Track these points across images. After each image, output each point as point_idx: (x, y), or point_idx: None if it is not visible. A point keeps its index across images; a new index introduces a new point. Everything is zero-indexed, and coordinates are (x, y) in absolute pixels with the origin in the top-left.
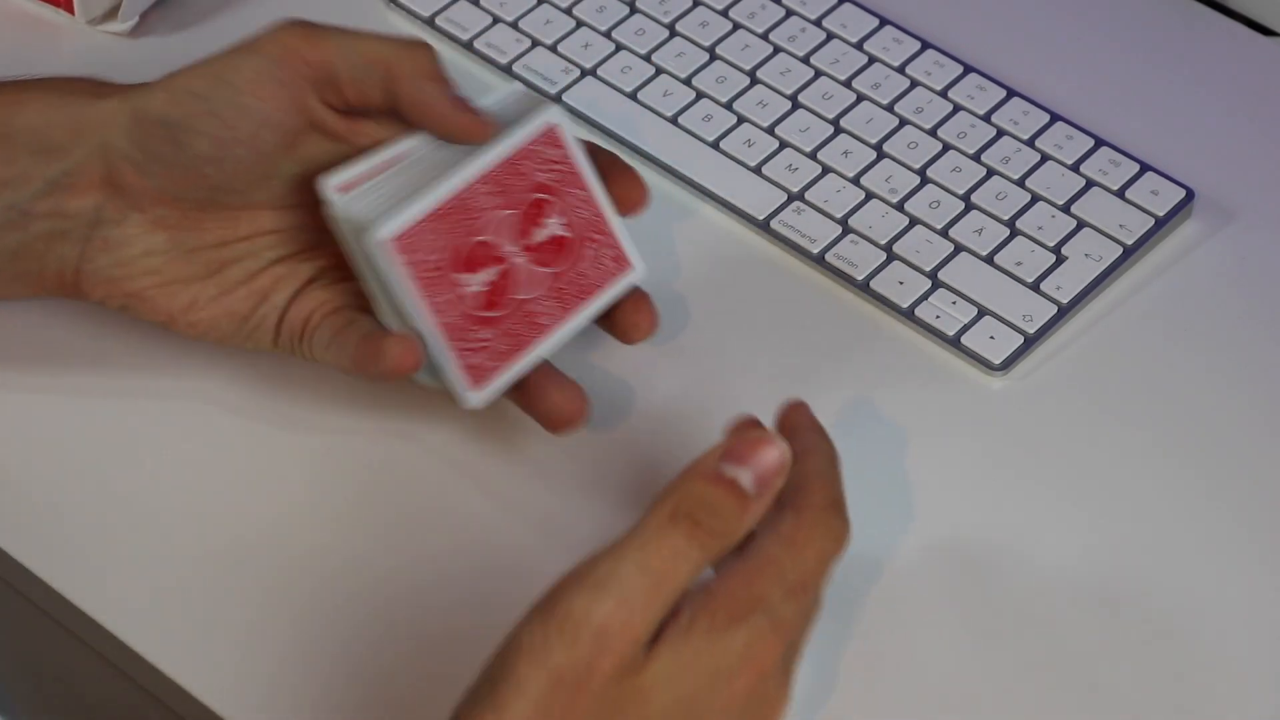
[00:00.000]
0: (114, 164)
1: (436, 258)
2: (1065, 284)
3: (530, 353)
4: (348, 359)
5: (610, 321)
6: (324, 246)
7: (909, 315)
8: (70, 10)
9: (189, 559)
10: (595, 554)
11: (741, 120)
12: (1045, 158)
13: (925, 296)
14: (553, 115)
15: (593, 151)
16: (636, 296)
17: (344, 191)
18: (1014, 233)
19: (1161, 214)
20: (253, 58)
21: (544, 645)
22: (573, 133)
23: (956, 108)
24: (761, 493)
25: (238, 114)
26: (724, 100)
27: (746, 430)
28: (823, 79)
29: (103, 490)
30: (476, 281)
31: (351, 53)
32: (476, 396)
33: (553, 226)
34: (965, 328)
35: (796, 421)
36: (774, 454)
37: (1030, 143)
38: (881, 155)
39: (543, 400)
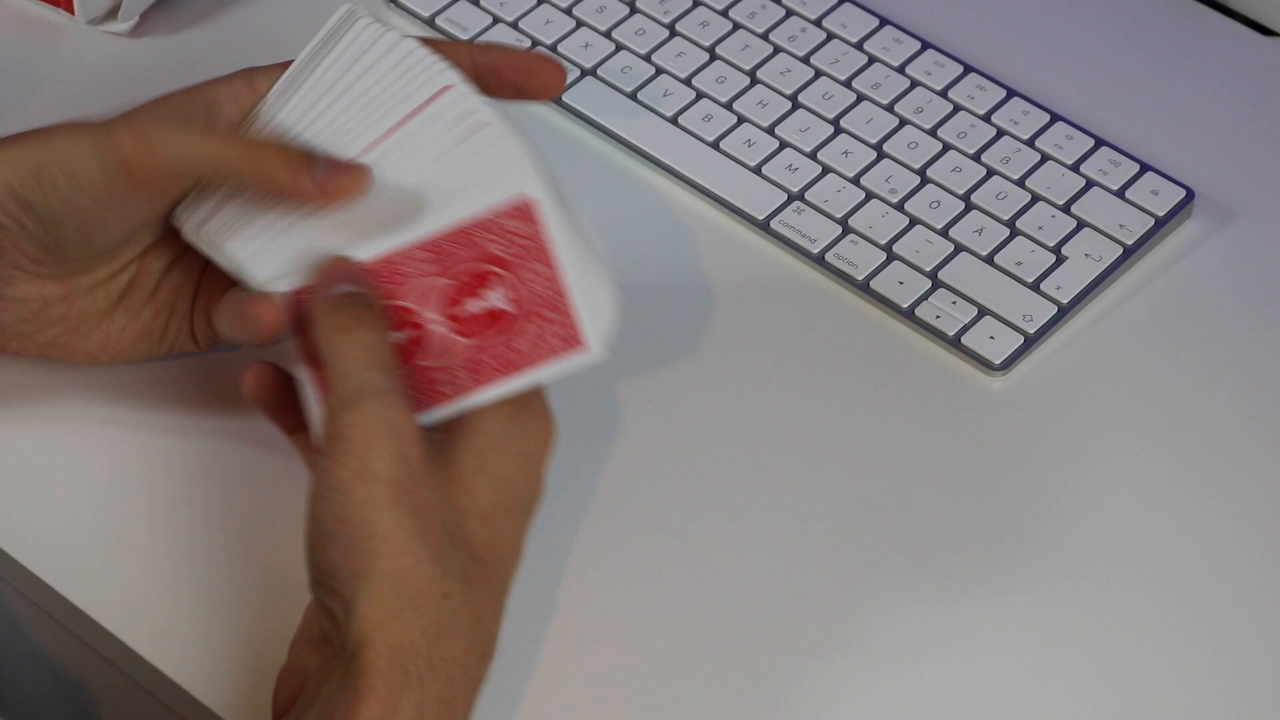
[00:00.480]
0: None
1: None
2: (1065, 284)
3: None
4: (226, 328)
5: (514, 88)
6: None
7: (909, 315)
8: (70, 10)
9: (189, 559)
10: (328, 405)
11: (741, 120)
12: (1045, 158)
13: (925, 296)
14: (529, 187)
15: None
16: (531, 59)
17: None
18: (1014, 233)
19: (1161, 214)
20: (99, 164)
21: (361, 466)
22: (554, 208)
23: (956, 108)
24: (360, 283)
25: (99, 210)
26: (724, 100)
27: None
28: (823, 79)
29: (104, 491)
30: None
31: (189, 158)
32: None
33: (493, 299)
34: (965, 328)
35: None
36: (337, 263)
37: (1030, 143)
38: (881, 155)
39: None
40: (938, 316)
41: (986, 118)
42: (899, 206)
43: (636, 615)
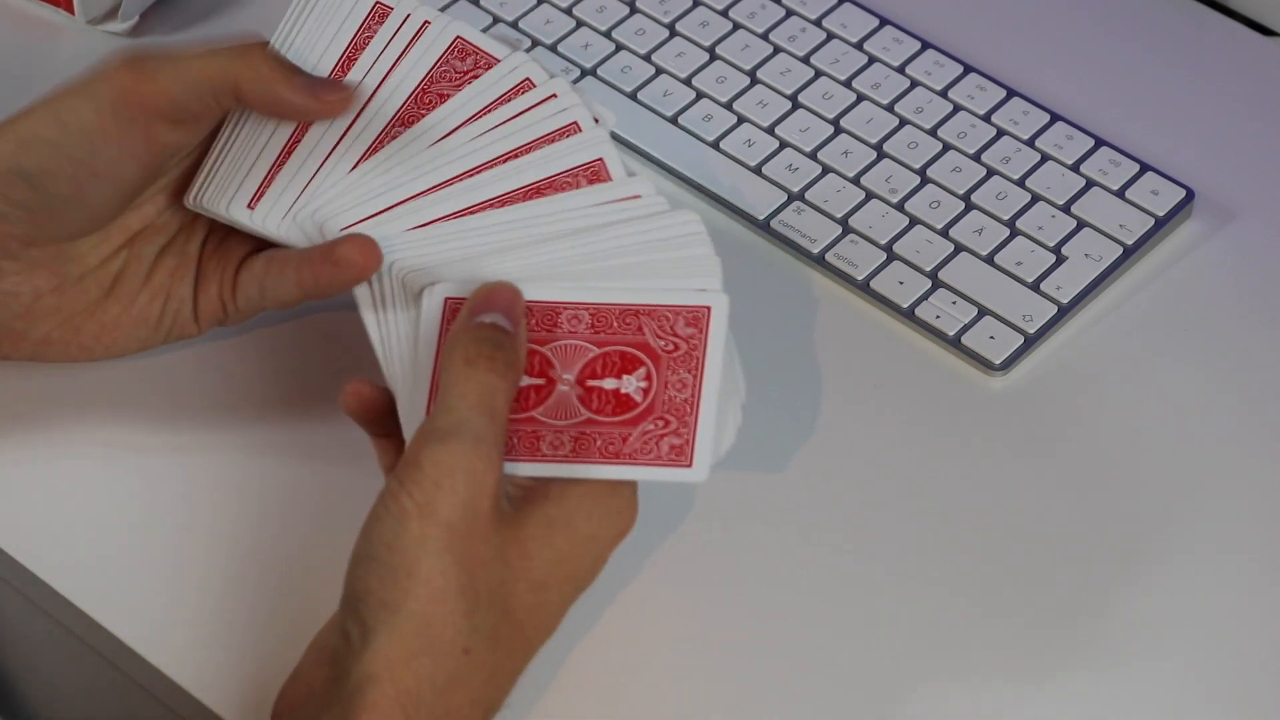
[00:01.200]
0: None
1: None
2: (1065, 284)
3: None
4: (293, 284)
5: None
6: (193, 219)
7: (909, 315)
8: (70, 10)
9: (189, 559)
10: (420, 430)
11: (741, 120)
12: (1045, 158)
13: (925, 296)
14: (716, 300)
15: None
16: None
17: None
18: (1014, 233)
19: (1161, 214)
20: (90, 101)
21: (427, 503)
22: (724, 325)
23: (956, 108)
24: (516, 321)
25: (92, 156)
26: (724, 100)
27: (478, 289)
28: (823, 79)
29: (104, 493)
30: None
31: (187, 79)
32: None
33: (629, 386)
34: (965, 328)
35: None
36: (504, 291)
37: (1030, 143)
38: (881, 155)
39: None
40: (938, 316)
41: (986, 118)
42: (899, 206)
43: (634, 614)
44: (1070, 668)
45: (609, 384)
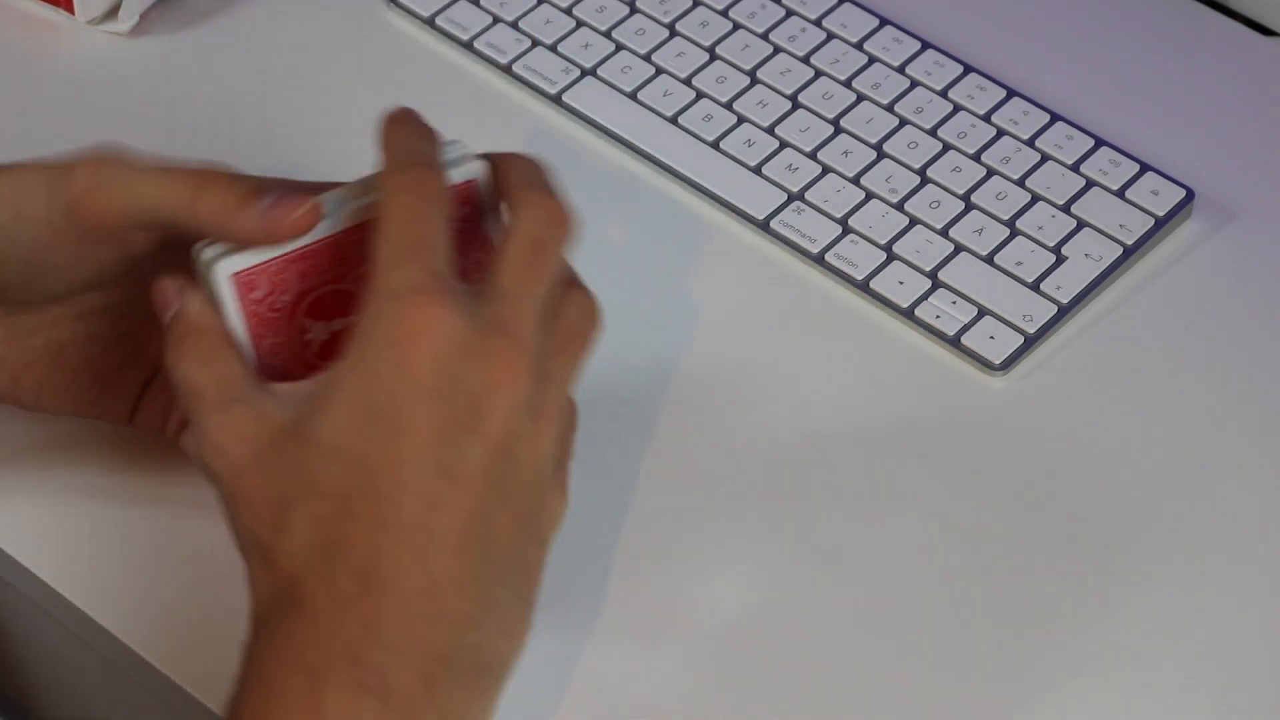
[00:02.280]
0: None
1: (282, 298)
2: (1065, 284)
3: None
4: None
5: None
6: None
7: (909, 315)
8: (70, 10)
9: (189, 560)
10: None
11: (741, 120)
12: (1045, 158)
13: (925, 296)
14: (473, 169)
15: (503, 167)
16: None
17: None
18: (1014, 233)
19: (1161, 214)
20: (48, 196)
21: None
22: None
23: (956, 108)
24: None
25: (42, 251)
26: (724, 100)
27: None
28: (823, 79)
29: (105, 496)
30: (321, 328)
31: (142, 199)
32: None
33: None
34: (965, 328)
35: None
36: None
37: (1030, 143)
38: (881, 155)
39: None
40: (938, 316)
41: (986, 118)
42: (899, 206)
43: (632, 616)
44: (1070, 668)
45: None
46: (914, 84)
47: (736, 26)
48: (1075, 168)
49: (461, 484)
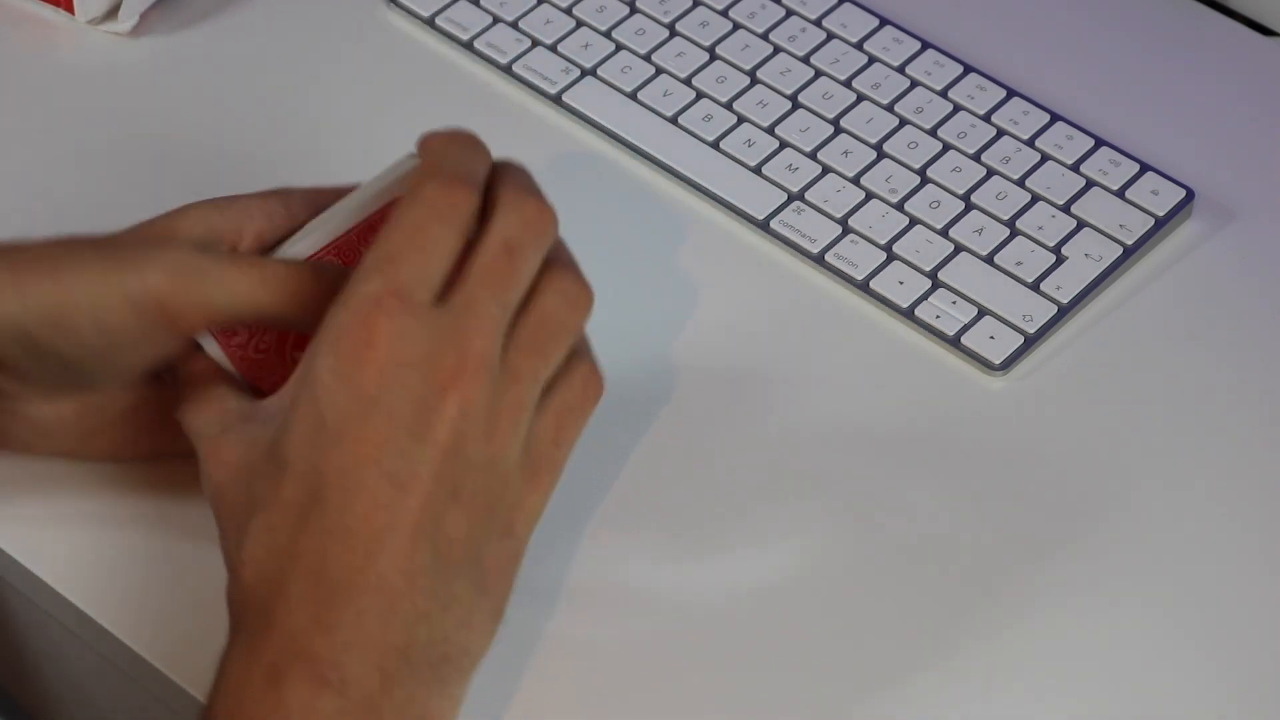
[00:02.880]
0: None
1: (264, 339)
2: (1065, 284)
3: None
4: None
5: None
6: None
7: (909, 315)
8: (70, 10)
9: (188, 560)
10: None
11: (741, 120)
12: (1045, 158)
13: (925, 296)
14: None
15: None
16: None
17: None
18: (1014, 233)
19: (1161, 214)
20: (129, 314)
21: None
22: None
23: (956, 108)
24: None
25: (126, 350)
26: (724, 100)
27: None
28: (823, 79)
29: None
30: None
31: (224, 307)
32: None
33: None
34: (965, 328)
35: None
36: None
37: (1030, 143)
38: (881, 155)
39: None
40: (938, 316)
41: (986, 118)
42: (899, 206)
43: (628, 615)
44: (1070, 668)
45: None
46: (914, 84)
47: (736, 26)
48: (1075, 168)
49: (409, 487)
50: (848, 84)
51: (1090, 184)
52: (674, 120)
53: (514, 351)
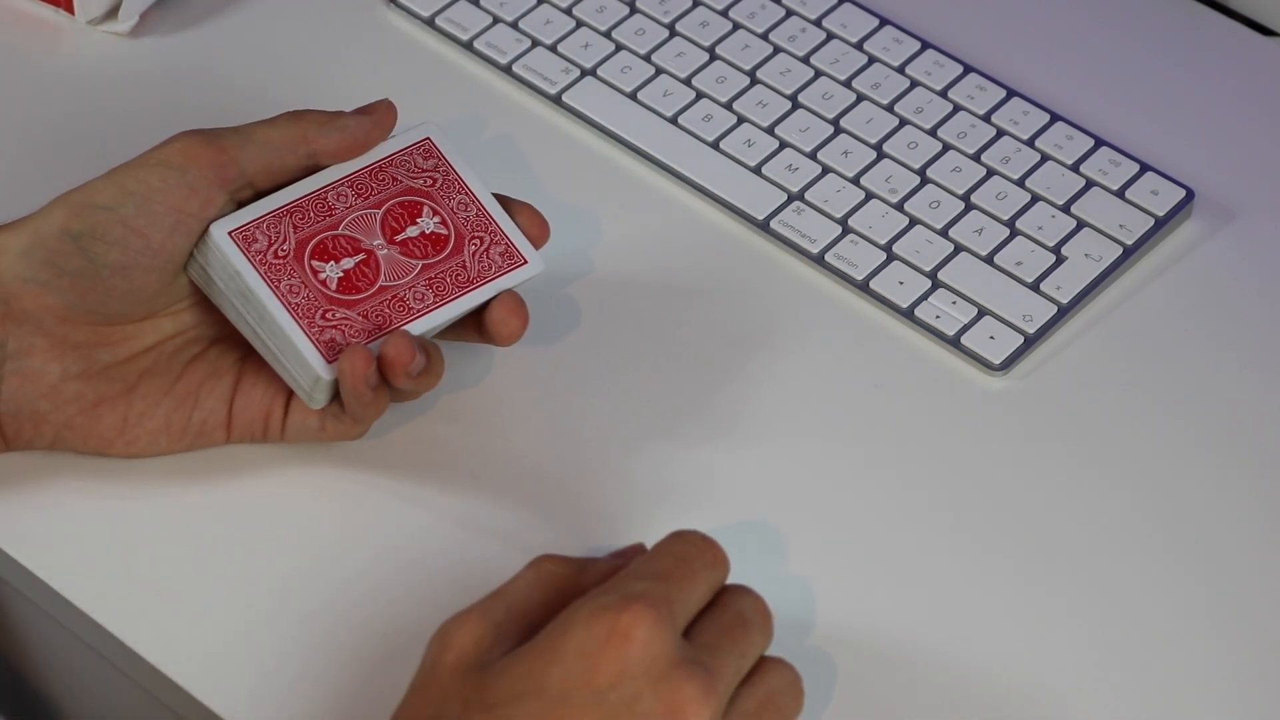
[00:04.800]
0: (12, 292)
1: (284, 247)
2: (1065, 284)
3: (396, 329)
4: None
5: (480, 324)
6: (229, 337)
7: (909, 315)
8: (70, 10)
9: (189, 560)
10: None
11: (741, 120)
12: (1045, 158)
13: (925, 296)
14: (428, 129)
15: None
16: (506, 297)
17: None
18: (1014, 233)
19: (1161, 214)
20: (159, 169)
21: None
22: (452, 145)
23: (956, 108)
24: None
25: (149, 221)
26: (724, 100)
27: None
28: (823, 79)
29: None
30: (333, 268)
31: (253, 142)
32: (329, 369)
33: (425, 224)
34: (965, 328)
35: None
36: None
37: (1030, 143)
38: (881, 155)
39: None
40: (938, 316)
41: (986, 118)
42: (899, 206)
43: None
44: (1069, 668)
45: (413, 231)
46: (914, 84)
47: (736, 26)
48: (1075, 168)
49: None
50: (848, 84)
51: (1090, 184)
52: (674, 120)
53: (738, 715)
